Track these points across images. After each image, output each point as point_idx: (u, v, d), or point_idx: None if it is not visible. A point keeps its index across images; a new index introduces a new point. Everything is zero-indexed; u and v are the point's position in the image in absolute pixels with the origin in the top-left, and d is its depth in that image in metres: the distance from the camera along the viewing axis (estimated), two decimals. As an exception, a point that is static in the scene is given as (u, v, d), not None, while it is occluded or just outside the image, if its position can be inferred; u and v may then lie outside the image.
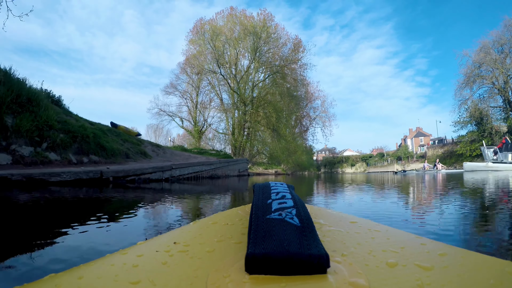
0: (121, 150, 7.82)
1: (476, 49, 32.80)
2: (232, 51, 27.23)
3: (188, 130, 31.38)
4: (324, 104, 37.34)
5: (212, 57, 26.51)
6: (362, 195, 3.20)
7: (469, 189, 3.62)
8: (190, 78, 30.54)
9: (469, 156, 33.38)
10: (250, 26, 26.06)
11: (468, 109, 33.11)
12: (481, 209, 1.92)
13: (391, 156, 50.50)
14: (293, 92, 29.69)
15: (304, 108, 35.83)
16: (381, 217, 1.61)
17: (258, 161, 30.06)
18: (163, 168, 6.71)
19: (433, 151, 42.34)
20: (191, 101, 31.40)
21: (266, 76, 27.74)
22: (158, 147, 11.50)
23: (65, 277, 0.32)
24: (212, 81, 29.12)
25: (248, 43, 26.43)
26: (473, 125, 33.50)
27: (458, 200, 2.38)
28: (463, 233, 1.24)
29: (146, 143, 10.87)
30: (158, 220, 1.63)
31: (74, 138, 6.40)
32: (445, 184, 4.77)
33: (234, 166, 13.21)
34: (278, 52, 28.28)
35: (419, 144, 54.18)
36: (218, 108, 29.48)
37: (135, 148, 9.04)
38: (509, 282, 0.29)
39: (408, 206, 2.25)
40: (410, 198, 2.82)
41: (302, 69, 29.78)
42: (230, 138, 27.83)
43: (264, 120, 26.50)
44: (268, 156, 30.45)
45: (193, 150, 16.72)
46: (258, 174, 20.79)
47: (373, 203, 2.48)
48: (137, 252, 0.38)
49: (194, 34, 28.29)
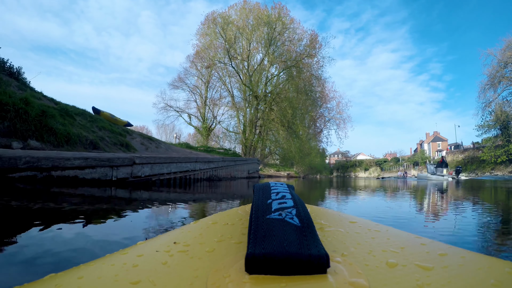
0: (85, 138, 5.94)
1: (502, 48, 30.56)
2: (245, 44, 25.64)
3: (196, 127, 29.89)
4: (340, 105, 35.74)
5: (223, 50, 25.01)
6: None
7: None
8: (199, 72, 29.22)
9: (493, 162, 31.14)
10: (264, 16, 24.45)
11: (492, 112, 31.01)
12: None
13: (407, 161, 49.51)
14: (309, 90, 27.98)
15: (319, 109, 34.34)
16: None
17: (270, 162, 29.01)
18: (113, 160, 4.31)
19: (453, 157, 40.37)
20: (200, 96, 29.84)
21: (281, 71, 26.09)
22: (151, 140, 9.90)
23: (65, 277, 0.32)
24: (223, 77, 27.76)
25: (262, 35, 24.86)
26: (497, 129, 31.30)
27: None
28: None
29: (135, 134, 9.42)
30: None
31: (5, 112, 4.53)
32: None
33: (243, 166, 11.71)
34: (293, 47, 26.44)
35: (436, 149, 52.76)
36: (229, 105, 28.05)
37: (114, 138, 7.38)
38: (509, 282, 0.29)
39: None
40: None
41: (318, 66, 27.80)
42: (240, 137, 26.35)
43: (278, 118, 24.92)
44: (281, 157, 29.15)
45: (199, 148, 15.90)
46: (270, 176, 19.94)
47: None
48: (137, 252, 0.38)
49: (205, 27, 26.64)
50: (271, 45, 24.55)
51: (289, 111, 24.01)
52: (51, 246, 0.99)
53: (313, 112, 31.62)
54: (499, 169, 31.42)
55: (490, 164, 32.29)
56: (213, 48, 25.73)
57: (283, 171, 25.48)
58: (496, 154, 30.79)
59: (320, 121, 35.82)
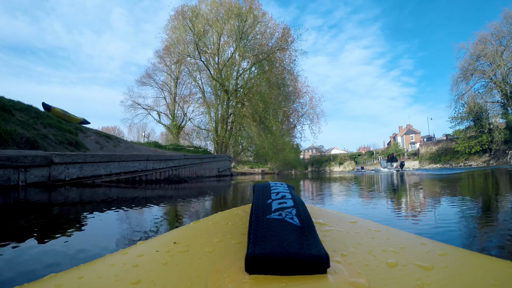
0: (19, 135, 5.08)
1: (474, 42, 31.86)
2: (215, 38, 24.91)
3: (166, 125, 28.71)
4: (313, 100, 35.92)
5: (193, 45, 24.05)
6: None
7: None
8: (168, 68, 28.01)
9: (468, 153, 32.37)
10: (234, 8, 23.73)
11: (465, 104, 32.19)
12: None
13: (381, 154, 50.14)
14: (281, 84, 27.43)
15: (292, 104, 34.13)
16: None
17: (243, 159, 28.47)
18: (17, 159, 3.47)
19: (426, 149, 41.45)
20: (170, 93, 28.73)
21: (252, 65, 25.18)
22: (108, 138, 9.00)
23: (65, 277, 0.32)
24: (193, 72, 26.76)
25: (232, 29, 24.07)
26: (470, 120, 32.53)
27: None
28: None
29: (89, 132, 8.67)
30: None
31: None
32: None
33: (211, 164, 10.63)
34: (265, 41, 25.77)
35: (409, 142, 53.46)
36: (200, 101, 27.23)
37: (61, 136, 6.53)
38: (509, 282, 0.29)
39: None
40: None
41: (291, 60, 27.09)
42: (212, 135, 25.20)
43: (250, 113, 24.17)
44: (254, 153, 28.62)
45: (168, 147, 14.96)
46: (243, 173, 19.43)
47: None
48: (137, 252, 0.38)
49: (174, 21, 25.65)
50: (242, 39, 23.85)
51: (260, 105, 23.36)
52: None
53: (286, 107, 31.36)
54: (473, 159, 32.41)
55: (464, 154, 33.19)
56: (183, 43, 25.00)
57: (257, 168, 25.06)
58: (470, 144, 31.81)
59: (293, 116, 35.90)
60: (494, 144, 30.51)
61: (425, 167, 37.29)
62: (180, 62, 26.28)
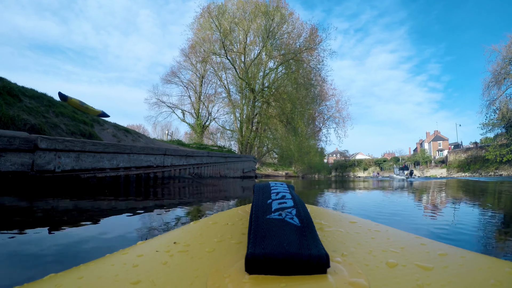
0: (23, 121, 4.73)
1: (507, 44, 29.14)
2: (241, 37, 24.54)
3: (190, 124, 28.34)
4: (339, 103, 34.70)
5: (219, 43, 23.72)
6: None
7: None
8: (194, 67, 27.58)
9: (499, 162, 30.18)
10: (261, 6, 23.26)
11: (497, 110, 29.71)
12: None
13: (407, 160, 48.62)
14: (309, 85, 26.74)
15: (318, 107, 33.22)
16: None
17: (267, 161, 28.06)
18: None
19: (455, 156, 39.26)
20: (194, 92, 28.29)
21: (279, 64, 24.69)
22: (127, 133, 8.31)
23: (65, 277, 0.32)
24: (219, 71, 26.35)
25: (259, 28, 23.65)
26: (502, 127, 30.00)
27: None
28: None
29: (107, 125, 8.10)
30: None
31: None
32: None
33: (236, 164, 10.30)
34: (292, 42, 25.23)
35: (437, 149, 51.42)
36: (225, 101, 26.79)
37: (74, 127, 6.05)
38: (509, 282, 0.29)
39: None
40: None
41: (318, 62, 26.32)
42: (237, 135, 24.76)
43: (277, 113, 23.66)
44: (279, 155, 28.06)
45: (191, 145, 14.77)
46: (267, 175, 19.23)
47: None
48: (137, 252, 0.38)
49: (201, 20, 25.33)
50: (269, 38, 23.41)
51: (288, 105, 22.96)
52: None
53: (312, 110, 30.73)
54: (504, 169, 30.83)
55: (494, 163, 31.52)
56: (209, 41, 24.80)
57: (281, 171, 24.68)
58: (502, 153, 29.88)
59: (319, 120, 35.09)
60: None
61: (452, 175, 35.71)
62: (205, 60, 25.90)
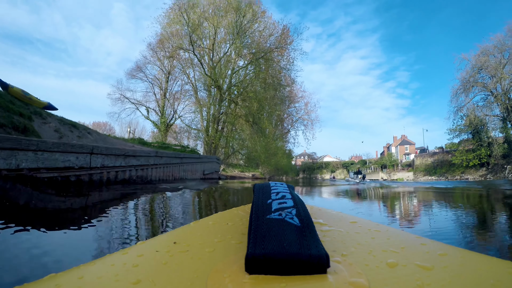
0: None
1: (476, 53, 31.41)
2: (211, 32, 23.66)
3: (154, 122, 27.54)
4: (308, 106, 35.09)
5: (187, 38, 22.79)
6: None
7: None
8: (161, 63, 26.92)
9: (465, 166, 31.74)
10: (234, 1, 22.63)
11: (464, 117, 31.66)
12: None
13: (374, 164, 49.76)
14: (278, 85, 26.22)
15: (287, 108, 33.33)
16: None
17: (234, 162, 27.33)
18: None
19: (422, 160, 40.55)
20: (160, 88, 27.03)
21: (249, 63, 24.04)
22: (74, 128, 7.27)
23: (65, 277, 0.32)
24: (186, 68, 25.36)
25: (230, 24, 22.98)
26: (469, 133, 31.96)
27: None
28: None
29: (51, 118, 6.98)
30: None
31: None
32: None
33: (195, 165, 9.30)
34: (263, 41, 24.62)
35: (404, 153, 52.57)
36: (191, 100, 25.93)
37: (6, 118, 4.92)
38: (509, 282, 0.29)
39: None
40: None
41: (288, 62, 25.93)
42: (203, 135, 24.20)
43: (243, 112, 23.15)
44: (245, 157, 27.66)
45: (153, 144, 13.90)
46: (233, 177, 18.69)
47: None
48: (137, 252, 0.38)
49: (170, 13, 24.38)
50: (239, 34, 22.67)
51: (254, 104, 22.35)
52: None
53: (281, 111, 30.61)
54: (469, 173, 32.24)
55: (460, 167, 32.85)
56: (178, 37, 24.07)
57: (248, 172, 24.08)
58: (468, 158, 31.39)
59: (287, 121, 34.99)
60: (492, 158, 30.12)
61: (419, 178, 36.88)
62: (172, 55, 25.20)
